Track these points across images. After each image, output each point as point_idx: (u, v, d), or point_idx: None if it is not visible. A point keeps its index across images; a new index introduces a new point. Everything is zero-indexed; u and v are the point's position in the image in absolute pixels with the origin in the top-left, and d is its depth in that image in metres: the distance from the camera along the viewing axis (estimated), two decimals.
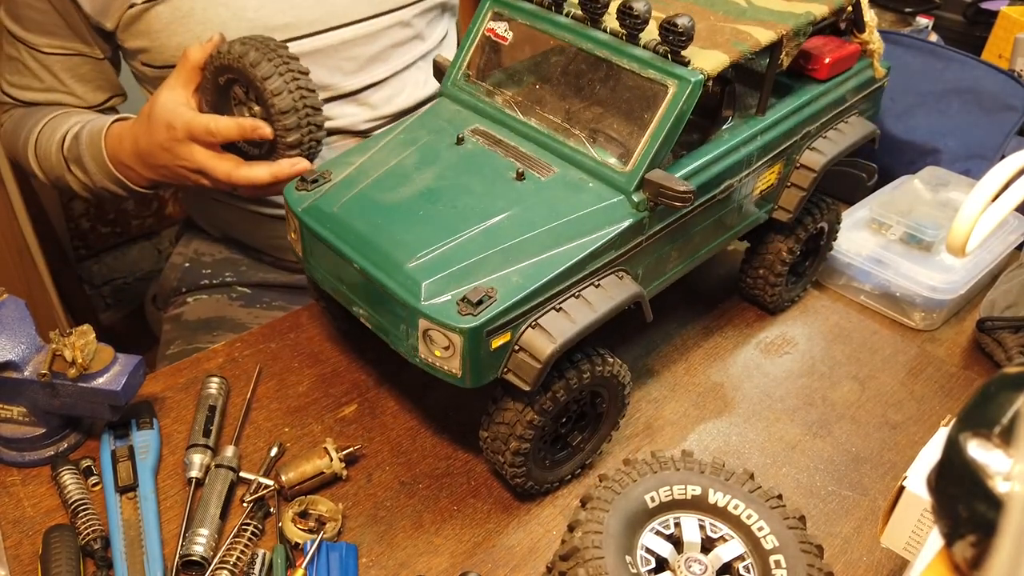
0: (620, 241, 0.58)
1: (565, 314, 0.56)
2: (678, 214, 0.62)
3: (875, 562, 0.60)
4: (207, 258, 1.02)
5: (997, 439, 0.40)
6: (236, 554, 0.56)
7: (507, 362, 0.55)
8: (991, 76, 1.03)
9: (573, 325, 0.55)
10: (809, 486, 0.66)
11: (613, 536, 0.48)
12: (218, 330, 0.94)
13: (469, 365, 0.54)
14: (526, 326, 0.54)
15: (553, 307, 0.55)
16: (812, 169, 0.73)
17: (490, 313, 0.52)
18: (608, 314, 0.57)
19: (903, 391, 0.75)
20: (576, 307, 0.56)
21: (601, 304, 0.57)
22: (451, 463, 0.66)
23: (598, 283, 0.58)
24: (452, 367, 0.54)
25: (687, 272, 0.69)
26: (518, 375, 0.55)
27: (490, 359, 0.54)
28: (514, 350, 0.55)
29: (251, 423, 0.68)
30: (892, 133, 1.03)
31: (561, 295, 0.56)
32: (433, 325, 0.53)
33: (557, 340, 0.54)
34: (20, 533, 0.58)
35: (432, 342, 0.54)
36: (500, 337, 0.54)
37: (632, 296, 0.59)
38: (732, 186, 0.66)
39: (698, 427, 0.71)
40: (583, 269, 0.57)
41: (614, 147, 0.60)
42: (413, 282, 0.54)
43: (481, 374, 0.55)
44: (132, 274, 1.74)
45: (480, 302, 0.52)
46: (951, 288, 0.80)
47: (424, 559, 0.58)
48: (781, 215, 0.75)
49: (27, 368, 0.60)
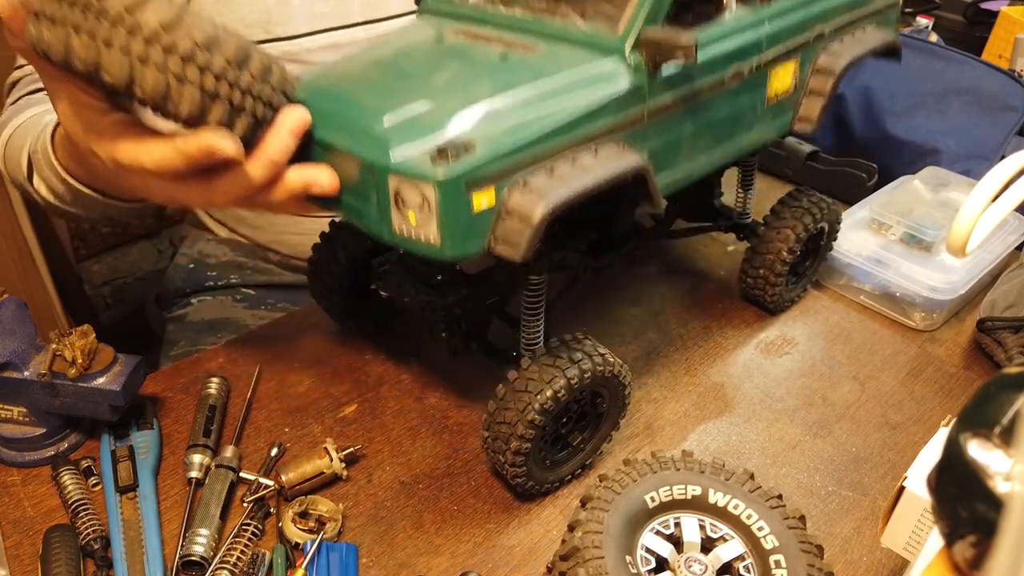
0: (617, 106, 0.53)
1: (558, 177, 0.50)
2: (684, 87, 0.58)
3: (875, 562, 0.60)
4: (212, 260, 1.02)
5: (997, 439, 0.40)
6: (236, 554, 0.56)
7: (495, 227, 0.49)
8: (991, 76, 1.03)
9: (567, 187, 0.49)
10: (809, 486, 0.66)
11: (613, 536, 0.48)
12: (222, 331, 0.94)
13: (448, 228, 0.47)
14: (514, 186, 0.49)
15: (544, 168, 0.50)
16: (830, 72, 0.69)
17: (468, 163, 0.47)
18: (606, 183, 0.51)
19: (903, 391, 0.75)
20: (569, 172, 0.50)
21: (598, 170, 0.51)
22: (451, 463, 0.66)
23: (596, 150, 0.53)
24: (429, 234, 0.48)
25: (703, 173, 0.64)
26: (507, 244, 0.49)
27: (473, 223, 0.48)
28: (501, 215, 0.49)
29: (251, 423, 0.68)
30: (892, 133, 1.03)
31: (552, 158, 0.51)
32: (404, 179, 0.47)
33: (549, 199, 0.48)
34: (20, 533, 0.58)
35: (405, 204, 0.48)
36: (482, 194, 0.48)
37: (634, 167, 0.53)
38: (742, 73, 0.62)
39: (698, 427, 0.71)
40: (575, 130, 0.51)
41: (603, 18, 0.56)
42: (381, 142, 0.49)
43: (464, 241, 0.49)
44: (132, 274, 1.74)
45: (457, 154, 0.47)
46: (951, 288, 0.80)
47: (424, 559, 0.58)
48: (803, 126, 0.71)
49: (27, 368, 0.60)
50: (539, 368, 0.57)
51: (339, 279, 0.72)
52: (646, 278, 0.89)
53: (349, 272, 0.73)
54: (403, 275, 0.65)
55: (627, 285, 0.88)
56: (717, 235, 0.95)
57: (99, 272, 1.70)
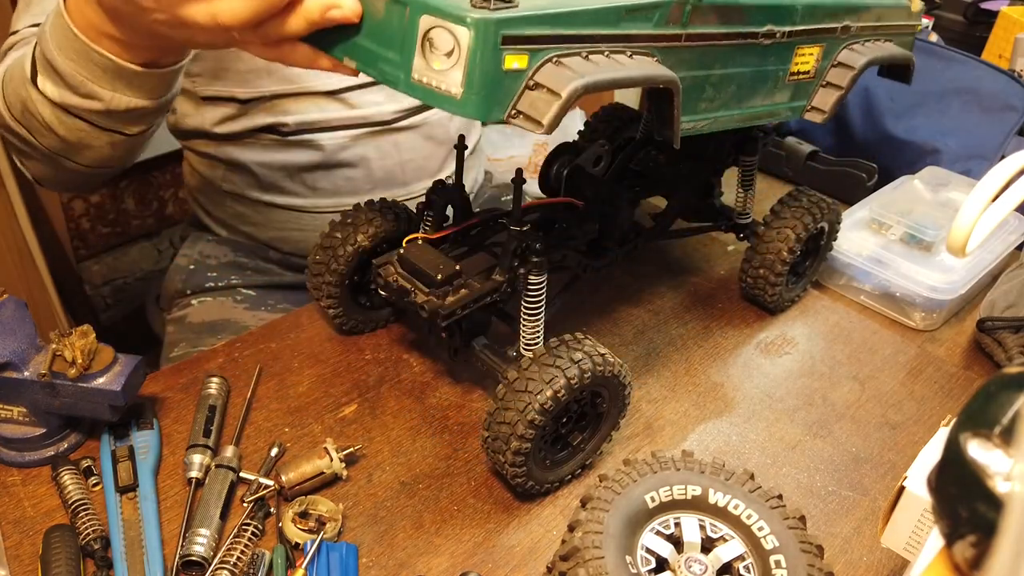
0: (660, 15, 0.52)
1: (593, 63, 0.48)
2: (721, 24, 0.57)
3: (875, 562, 0.60)
4: (212, 261, 1.02)
5: (997, 439, 0.40)
6: (236, 554, 0.56)
7: (518, 100, 0.47)
8: (991, 76, 1.03)
9: (602, 72, 0.48)
10: (809, 486, 0.66)
11: (613, 536, 0.48)
12: (223, 332, 0.94)
13: (476, 80, 0.44)
14: (547, 60, 0.47)
15: (580, 53, 0.48)
16: (851, 67, 0.70)
17: (510, 13, 0.44)
18: (640, 80, 0.51)
19: (903, 391, 0.75)
20: (606, 62, 0.49)
21: (633, 69, 0.50)
22: (451, 463, 0.66)
23: (631, 54, 0.51)
24: (452, 84, 0.45)
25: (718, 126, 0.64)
26: (530, 115, 0.46)
27: (500, 82, 0.45)
28: (529, 86, 0.47)
29: (251, 423, 0.68)
30: (892, 133, 1.03)
31: (589, 44, 0.49)
32: (438, 20, 0.44)
33: (584, 77, 0.46)
34: (20, 533, 0.58)
35: (432, 49, 0.45)
36: (516, 56, 0.45)
37: (667, 77, 0.52)
38: (774, 34, 0.62)
39: (698, 427, 0.71)
40: (615, 23, 0.50)
41: None
42: None
43: (487, 98, 0.45)
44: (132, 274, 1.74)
45: (500, 3, 0.44)
46: (951, 288, 0.80)
47: (424, 559, 0.58)
48: (815, 116, 0.72)
49: (27, 368, 0.60)
50: (539, 368, 0.57)
51: (338, 279, 0.72)
52: (646, 278, 0.89)
53: (349, 272, 0.73)
54: (403, 275, 0.65)
55: (627, 285, 0.88)
56: (717, 235, 0.95)
57: (99, 272, 1.70)
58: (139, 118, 0.70)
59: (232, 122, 0.93)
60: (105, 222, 1.67)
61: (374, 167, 0.96)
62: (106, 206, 1.64)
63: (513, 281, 0.65)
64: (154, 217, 1.73)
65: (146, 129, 0.73)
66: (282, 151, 0.94)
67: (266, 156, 0.95)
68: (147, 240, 1.75)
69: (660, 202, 0.84)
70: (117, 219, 1.68)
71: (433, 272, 0.63)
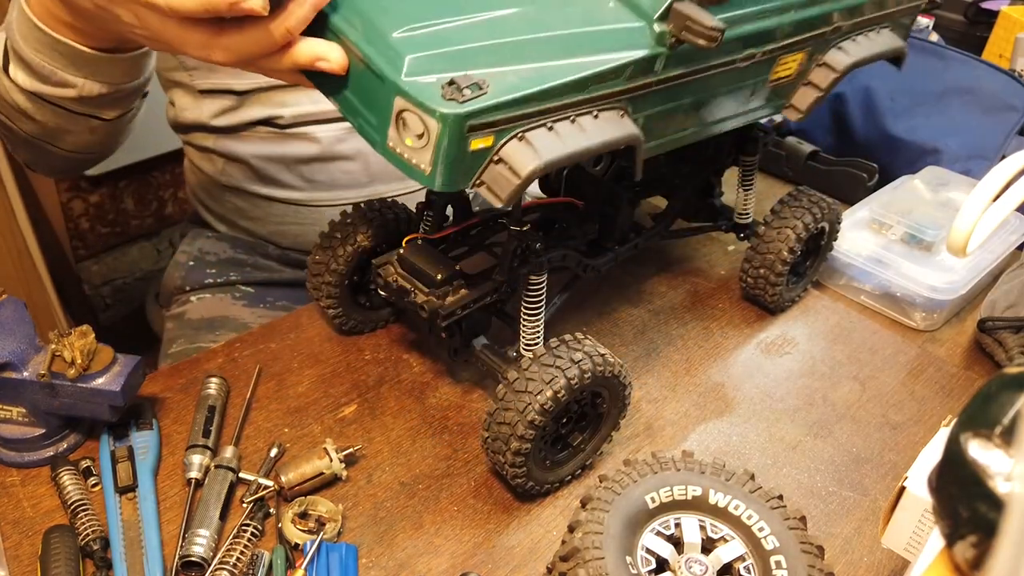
0: (631, 72, 0.53)
1: (556, 134, 0.50)
2: (696, 64, 0.58)
3: (876, 562, 0.60)
4: (211, 257, 1.02)
5: (998, 439, 0.39)
6: (236, 555, 0.56)
7: (483, 172, 0.49)
8: (992, 76, 1.03)
9: (562, 147, 0.49)
10: (810, 486, 0.66)
11: (613, 537, 0.48)
12: (221, 330, 0.94)
13: (442, 162, 0.47)
14: (512, 136, 0.48)
15: (545, 124, 0.50)
16: (834, 69, 0.69)
17: (478, 104, 0.46)
18: (600, 148, 0.52)
19: (904, 391, 0.75)
20: (569, 130, 0.50)
21: (595, 134, 0.51)
22: (451, 463, 0.66)
23: (596, 114, 0.52)
24: (422, 161, 0.47)
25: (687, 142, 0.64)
26: (492, 189, 0.49)
27: (466, 161, 0.48)
28: (493, 160, 0.49)
29: (251, 424, 0.68)
30: (892, 133, 1.03)
31: (555, 113, 0.50)
32: (410, 105, 0.46)
33: (543, 157, 0.48)
34: (19, 534, 0.58)
35: (405, 127, 0.47)
36: (482, 139, 0.47)
37: (628, 137, 0.54)
38: (754, 56, 0.62)
39: (698, 427, 0.70)
40: (584, 90, 0.51)
41: None
42: (396, 53, 0.47)
43: (453, 176, 0.48)
44: (131, 274, 1.74)
45: (469, 90, 0.46)
46: (952, 288, 0.80)
47: (424, 560, 0.58)
48: (792, 114, 0.71)
49: (26, 368, 0.60)
50: (539, 368, 0.57)
51: (338, 279, 0.72)
52: (646, 278, 0.89)
53: (349, 272, 0.72)
54: (403, 275, 0.65)
55: (627, 285, 0.87)
56: (717, 235, 0.95)
57: (98, 272, 1.70)
58: (114, 102, 0.70)
59: (230, 115, 0.94)
60: (104, 222, 1.67)
61: (371, 160, 0.96)
62: (105, 206, 1.64)
63: (513, 281, 0.65)
64: (153, 217, 1.73)
65: (124, 113, 0.73)
66: (279, 144, 0.94)
67: (264, 149, 0.95)
68: (146, 240, 1.75)
69: (660, 202, 0.84)
70: (116, 219, 1.68)
71: (433, 272, 0.63)
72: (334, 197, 0.98)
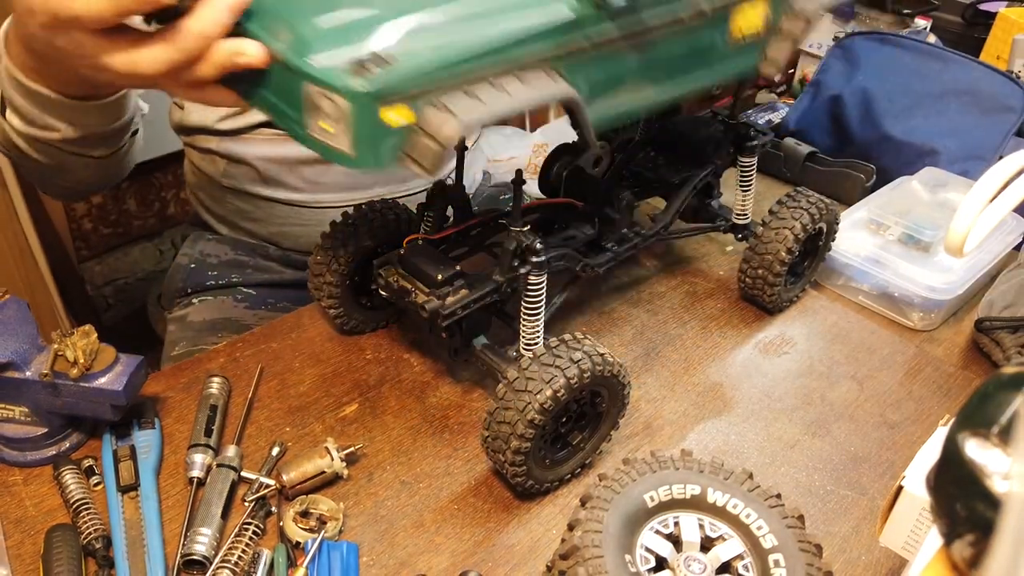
0: (553, 34, 0.51)
1: (475, 98, 0.48)
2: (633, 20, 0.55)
3: (874, 561, 0.60)
4: (213, 259, 1.03)
5: (995, 439, 0.40)
6: (237, 553, 0.56)
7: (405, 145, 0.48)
8: (989, 77, 1.03)
9: (484, 108, 0.48)
10: (808, 485, 0.66)
11: (613, 535, 0.48)
12: (223, 331, 0.94)
13: (361, 141, 0.47)
14: (428, 106, 0.48)
15: (461, 90, 0.48)
16: (803, 16, 0.66)
17: (385, 79, 0.45)
18: (525, 106, 0.50)
19: (901, 391, 0.76)
20: (490, 93, 0.49)
21: (521, 95, 0.50)
22: (451, 463, 0.66)
23: (521, 76, 0.51)
24: (342, 144, 0.47)
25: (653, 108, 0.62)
26: (417, 160, 0.48)
27: (385, 137, 0.47)
28: (415, 132, 0.48)
29: (252, 423, 0.68)
30: (890, 134, 1.03)
31: (474, 81, 0.49)
32: (320, 88, 0.46)
33: (463, 120, 0.47)
34: (22, 533, 0.59)
35: (320, 113, 0.47)
36: (398, 111, 0.47)
37: (561, 95, 0.52)
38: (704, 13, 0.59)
39: (697, 427, 0.71)
40: (503, 54, 0.49)
41: None
42: (303, 44, 0.47)
43: (376, 154, 0.47)
44: (134, 275, 1.74)
45: (376, 68, 0.45)
46: (949, 288, 0.80)
47: (425, 558, 0.59)
48: (768, 68, 0.68)
49: (29, 368, 0.60)
50: (539, 368, 0.57)
51: (339, 279, 0.72)
52: (645, 278, 0.89)
53: (350, 272, 0.73)
54: (404, 276, 0.66)
55: (626, 285, 0.88)
56: (716, 236, 0.96)
57: (101, 272, 1.70)
58: (99, 142, 0.71)
59: (235, 117, 0.94)
60: (107, 223, 1.67)
61: None
62: (108, 207, 1.64)
63: (513, 281, 0.65)
64: (156, 217, 1.73)
65: (115, 151, 0.74)
66: (283, 145, 0.95)
67: (267, 150, 0.95)
68: (149, 240, 1.75)
69: (659, 203, 0.84)
70: (119, 220, 1.69)
71: (433, 272, 0.63)
72: (336, 199, 0.98)
